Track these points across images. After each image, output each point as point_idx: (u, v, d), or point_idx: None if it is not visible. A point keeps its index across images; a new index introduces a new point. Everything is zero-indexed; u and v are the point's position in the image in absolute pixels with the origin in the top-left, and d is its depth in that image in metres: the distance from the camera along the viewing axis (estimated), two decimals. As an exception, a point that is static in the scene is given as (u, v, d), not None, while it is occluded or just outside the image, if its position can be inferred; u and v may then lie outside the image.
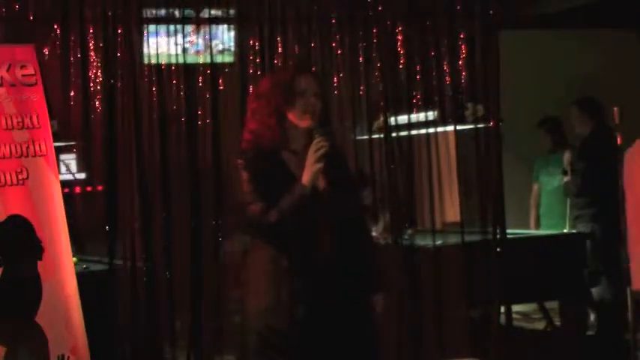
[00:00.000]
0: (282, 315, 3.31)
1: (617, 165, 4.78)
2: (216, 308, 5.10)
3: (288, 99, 3.33)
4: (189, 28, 5.20)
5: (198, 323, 5.11)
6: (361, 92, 5.44)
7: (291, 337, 3.32)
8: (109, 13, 4.99)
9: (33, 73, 4.50)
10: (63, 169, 5.14)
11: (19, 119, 4.40)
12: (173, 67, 5.13)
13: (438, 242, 5.57)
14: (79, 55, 4.97)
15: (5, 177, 4.33)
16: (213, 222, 5.13)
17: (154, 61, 5.13)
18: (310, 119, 3.33)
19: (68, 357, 4.34)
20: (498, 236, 5.55)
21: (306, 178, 3.28)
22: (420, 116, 5.62)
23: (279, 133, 3.34)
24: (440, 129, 5.62)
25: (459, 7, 5.53)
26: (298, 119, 3.34)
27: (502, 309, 5.60)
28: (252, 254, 3.49)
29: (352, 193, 3.53)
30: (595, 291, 6.26)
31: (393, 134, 5.46)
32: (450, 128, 5.64)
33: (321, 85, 3.45)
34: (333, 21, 5.36)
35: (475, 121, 5.65)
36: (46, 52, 4.91)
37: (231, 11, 5.26)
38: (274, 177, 3.33)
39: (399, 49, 5.47)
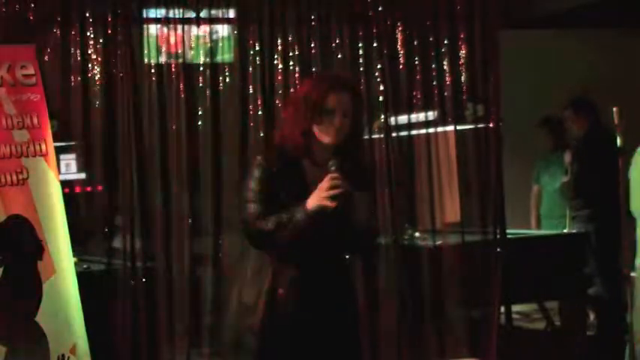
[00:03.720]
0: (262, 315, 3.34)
1: (616, 165, 4.77)
2: (216, 308, 5.10)
3: (315, 117, 3.33)
4: (190, 28, 5.20)
5: (197, 323, 5.11)
6: (361, 92, 5.43)
7: (270, 340, 3.34)
8: (109, 13, 4.99)
9: (33, 73, 4.50)
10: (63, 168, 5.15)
11: (19, 119, 4.40)
12: (173, 67, 5.13)
13: (438, 242, 5.57)
14: (79, 55, 4.97)
15: (5, 177, 4.32)
16: (213, 221, 5.13)
17: (153, 61, 5.13)
18: (334, 137, 3.33)
19: (68, 357, 4.34)
20: (498, 236, 5.55)
21: (310, 204, 3.24)
22: (420, 116, 5.62)
23: (303, 146, 3.36)
24: (440, 129, 5.62)
25: (459, 7, 5.53)
26: (322, 136, 3.34)
27: (502, 309, 5.60)
28: (246, 252, 3.52)
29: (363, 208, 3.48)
30: (590, 292, 6.26)
31: (393, 134, 5.46)
32: (450, 128, 5.64)
33: (357, 104, 3.40)
34: (333, 21, 5.36)
35: (475, 121, 5.65)
36: (46, 53, 4.91)
37: (231, 11, 5.26)
38: (288, 182, 3.34)
39: (399, 49, 5.47)
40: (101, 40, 4.99)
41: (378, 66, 5.42)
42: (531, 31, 8.01)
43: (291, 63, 5.23)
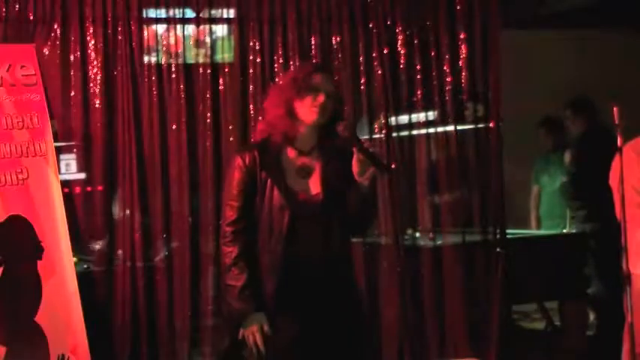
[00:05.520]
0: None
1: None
2: (217, 308, 5.10)
3: (300, 92, 3.41)
4: (190, 28, 5.20)
5: (198, 323, 5.11)
6: (361, 92, 5.44)
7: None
8: (109, 13, 4.99)
9: (33, 73, 4.51)
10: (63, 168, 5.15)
11: (19, 119, 4.41)
12: (173, 67, 5.12)
13: (438, 242, 5.57)
14: (79, 55, 4.96)
15: (5, 177, 4.33)
16: (213, 221, 5.13)
17: (154, 60, 5.13)
18: (317, 114, 3.40)
19: (68, 357, 4.35)
20: (498, 236, 5.55)
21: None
22: (420, 116, 5.62)
23: (289, 124, 3.40)
24: (440, 129, 5.62)
25: (459, 7, 5.54)
26: (306, 114, 3.41)
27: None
28: None
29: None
30: (590, 292, 6.26)
31: (394, 134, 5.46)
32: (450, 128, 5.64)
33: (337, 87, 3.57)
34: (333, 21, 5.36)
35: (475, 121, 5.65)
36: (46, 52, 4.91)
37: (231, 11, 5.26)
38: (271, 175, 3.38)
39: (399, 49, 5.47)
40: (101, 40, 4.99)
41: (378, 66, 5.42)
42: (531, 31, 8.00)
43: (291, 63, 5.23)
